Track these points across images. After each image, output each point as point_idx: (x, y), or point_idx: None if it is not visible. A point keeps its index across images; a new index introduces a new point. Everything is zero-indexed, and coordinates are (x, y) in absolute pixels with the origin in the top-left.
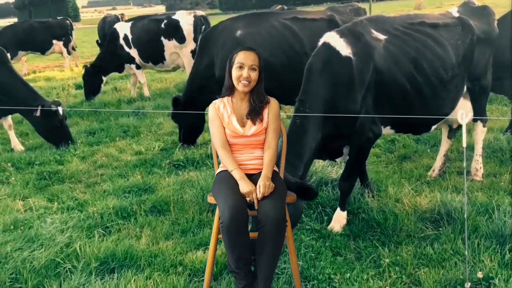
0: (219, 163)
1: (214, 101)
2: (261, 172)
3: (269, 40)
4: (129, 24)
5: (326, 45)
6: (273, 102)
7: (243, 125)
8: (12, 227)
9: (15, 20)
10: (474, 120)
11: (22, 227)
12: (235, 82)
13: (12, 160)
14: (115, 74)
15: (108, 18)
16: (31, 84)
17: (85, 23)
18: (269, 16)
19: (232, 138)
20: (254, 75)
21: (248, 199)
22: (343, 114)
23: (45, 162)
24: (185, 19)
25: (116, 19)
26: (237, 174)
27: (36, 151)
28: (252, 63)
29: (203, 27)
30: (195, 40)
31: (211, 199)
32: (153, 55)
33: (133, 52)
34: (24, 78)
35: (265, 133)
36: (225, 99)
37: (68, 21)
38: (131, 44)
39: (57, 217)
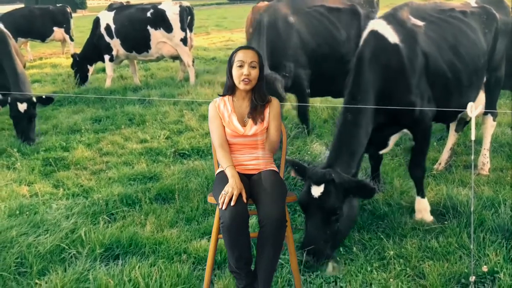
0: (218, 163)
1: (214, 100)
2: (261, 172)
3: (316, 29)
4: (112, 13)
5: (375, 33)
6: (275, 102)
7: (243, 124)
8: (17, 212)
9: (22, 6)
10: (485, 114)
11: (27, 212)
12: (236, 81)
13: (18, 146)
14: (123, 62)
15: (114, 5)
16: (38, 71)
17: (92, 10)
18: (299, 3)
19: (233, 138)
20: (255, 72)
21: (224, 192)
22: (399, 104)
23: (50, 148)
24: (171, 9)
25: None
26: (229, 172)
27: (42, 137)
28: (252, 60)
29: (188, 17)
30: (182, 29)
31: (211, 199)
32: (138, 43)
33: (114, 43)
34: (30, 64)
35: (266, 132)
36: (226, 98)
37: (68, 8)
38: (113, 34)
39: (63, 203)
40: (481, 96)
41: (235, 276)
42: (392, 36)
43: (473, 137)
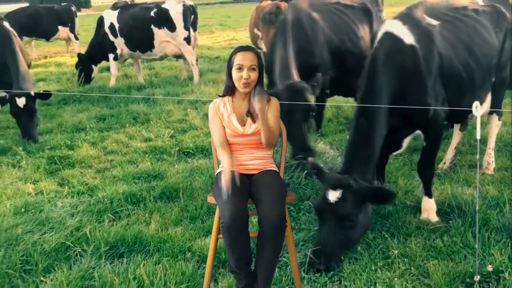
0: (219, 163)
1: (214, 100)
2: (261, 172)
3: (337, 26)
4: (116, 12)
5: (389, 35)
6: (274, 101)
7: (243, 124)
8: (23, 210)
9: (26, 5)
10: (490, 113)
11: (33, 210)
12: (236, 83)
13: (23, 144)
14: (127, 61)
15: (118, 4)
16: (42, 70)
17: (96, 9)
18: (317, 0)
19: (232, 138)
20: (254, 75)
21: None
22: (415, 105)
23: (55, 146)
24: (175, 8)
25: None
26: (225, 162)
27: (47, 136)
28: (251, 63)
29: (192, 16)
30: (185, 28)
31: (211, 199)
32: (142, 43)
33: (118, 42)
34: (35, 63)
35: None
36: (226, 98)
37: (72, 7)
38: (117, 33)
39: (68, 201)
40: (488, 95)
41: (235, 276)
42: (408, 37)
43: (478, 136)
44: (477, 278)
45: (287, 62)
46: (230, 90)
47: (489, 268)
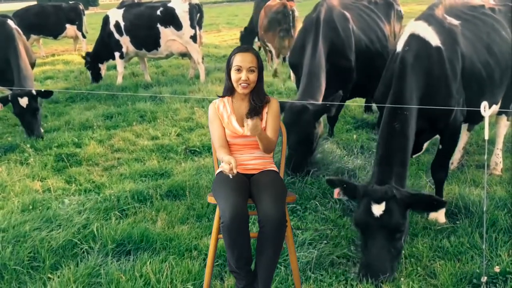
0: (219, 163)
1: (214, 101)
2: (261, 172)
3: (367, 25)
4: (121, 11)
5: (416, 37)
6: (273, 102)
7: (242, 125)
8: (30, 207)
9: (35, 3)
10: (499, 113)
11: (40, 207)
12: (234, 85)
13: (31, 142)
14: (134, 59)
15: (125, 3)
16: (50, 68)
17: (104, 7)
18: None
19: (232, 138)
20: (253, 76)
21: (226, 166)
22: (441, 108)
23: (63, 144)
24: (181, 6)
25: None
26: (225, 157)
27: (54, 133)
28: (250, 65)
29: (198, 15)
30: (192, 27)
31: (211, 199)
32: (148, 41)
33: (123, 40)
34: (43, 61)
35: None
36: (225, 99)
37: (80, 6)
38: (123, 31)
39: (75, 199)
40: None
41: (235, 276)
42: (434, 39)
43: (486, 137)
44: (484, 279)
45: (313, 72)
46: (230, 91)
47: (496, 269)
